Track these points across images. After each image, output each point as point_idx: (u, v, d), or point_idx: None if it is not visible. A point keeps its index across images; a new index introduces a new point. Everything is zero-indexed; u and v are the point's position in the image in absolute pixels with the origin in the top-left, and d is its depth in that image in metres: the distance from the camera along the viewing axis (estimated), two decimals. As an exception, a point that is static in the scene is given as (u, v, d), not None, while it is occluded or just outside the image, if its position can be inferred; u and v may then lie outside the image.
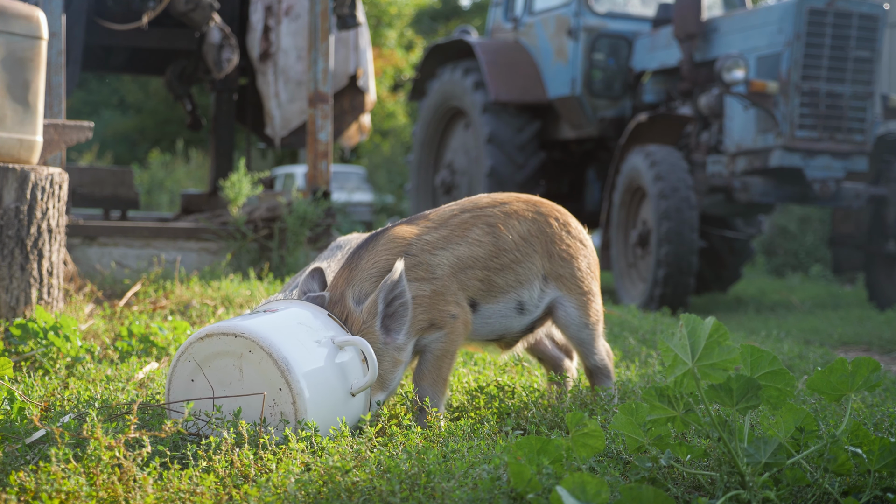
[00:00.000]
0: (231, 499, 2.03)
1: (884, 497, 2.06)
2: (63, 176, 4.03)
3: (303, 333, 2.43)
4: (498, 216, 2.81)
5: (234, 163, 8.30)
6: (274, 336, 2.37)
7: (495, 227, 2.78)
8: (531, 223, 2.85)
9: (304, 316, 2.50)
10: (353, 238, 3.22)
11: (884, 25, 7.52)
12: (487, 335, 2.84)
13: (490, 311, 2.79)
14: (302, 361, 2.36)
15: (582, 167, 9.61)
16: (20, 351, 3.40)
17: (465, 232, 2.75)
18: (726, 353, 2.03)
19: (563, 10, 9.04)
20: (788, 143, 7.33)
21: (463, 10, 29.54)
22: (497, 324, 2.82)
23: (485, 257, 2.75)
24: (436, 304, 2.65)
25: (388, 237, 2.67)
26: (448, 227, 2.74)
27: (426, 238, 2.70)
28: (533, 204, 2.92)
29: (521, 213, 2.86)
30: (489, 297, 2.77)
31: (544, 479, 1.95)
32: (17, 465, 2.09)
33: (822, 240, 12.07)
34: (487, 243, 2.76)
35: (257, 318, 2.47)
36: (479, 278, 2.74)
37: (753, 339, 5.30)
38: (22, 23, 3.92)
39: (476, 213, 2.80)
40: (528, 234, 2.83)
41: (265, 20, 7.64)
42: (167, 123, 26.58)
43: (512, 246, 2.79)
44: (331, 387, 2.41)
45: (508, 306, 2.81)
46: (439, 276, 2.67)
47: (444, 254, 2.69)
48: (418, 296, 2.63)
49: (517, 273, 2.80)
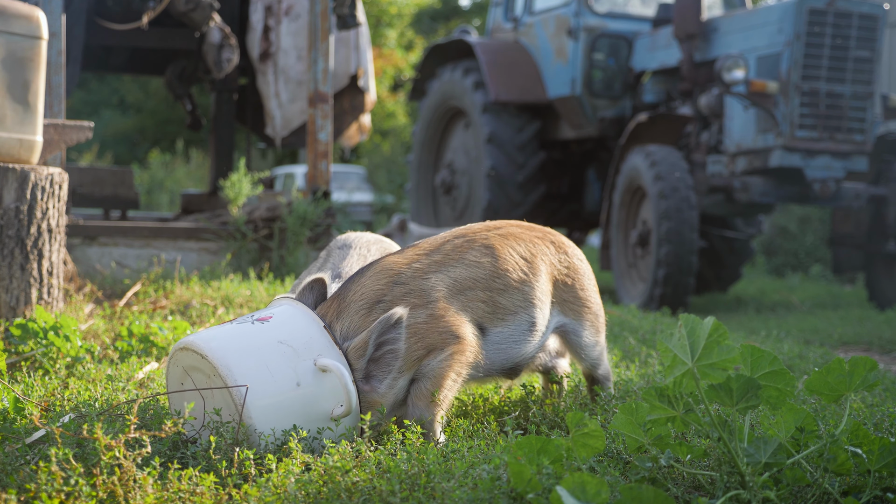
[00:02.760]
0: (231, 499, 2.03)
1: (884, 497, 2.06)
2: (63, 176, 4.03)
3: (275, 355, 2.32)
4: (494, 238, 2.68)
5: (234, 163, 8.31)
6: (235, 365, 2.28)
7: (493, 248, 2.64)
8: (530, 244, 2.74)
9: (292, 330, 2.38)
10: (356, 237, 3.14)
11: (884, 25, 7.53)
12: (503, 364, 2.65)
13: (501, 335, 2.61)
14: (261, 392, 2.27)
15: (582, 167, 9.60)
16: (20, 351, 3.40)
17: (461, 254, 2.60)
18: (726, 353, 2.03)
19: (563, 10, 9.04)
20: (788, 143, 7.34)
21: (463, 10, 29.54)
22: (511, 350, 2.65)
23: (486, 278, 2.59)
24: (434, 328, 2.46)
25: (376, 268, 2.51)
26: (441, 252, 2.59)
27: (417, 265, 2.53)
28: (527, 228, 2.82)
29: (517, 236, 2.74)
30: (497, 320, 2.60)
31: (544, 479, 1.95)
32: (17, 465, 2.09)
33: (822, 240, 12.07)
34: (487, 264, 2.60)
35: (235, 334, 2.38)
36: (482, 300, 2.57)
37: (753, 339, 5.31)
38: (22, 23, 3.92)
39: (470, 237, 2.67)
40: (529, 256, 2.71)
41: (265, 20, 7.64)
42: (167, 123, 26.58)
43: (515, 266, 2.65)
44: (293, 414, 2.30)
45: (520, 328, 2.64)
46: (435, 298, 2.49)
47: (437, 276, 2.52)
48: (412, 324, 2.43)
49: (525, 293, 2.65)
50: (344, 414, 2.32)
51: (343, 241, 3.11)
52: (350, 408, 2.31)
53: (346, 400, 2.31)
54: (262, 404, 2.27)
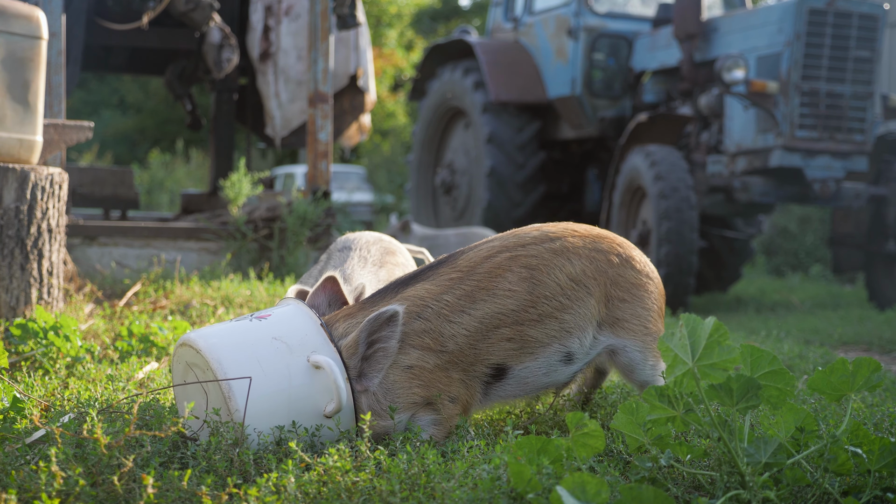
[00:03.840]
0: (231, 499, 2.03)
1: (884, 497, 2.06)
2: (63, 176, 4.03)
3: (269, 351, 2.33)
4: (542, 256, 2.46)
5: (234, 163, 8.31)
6: (226, 360, 2.29)
7: (535, 271, 2.44)
8: (586, 262, 2.51)
9: (288, 327, 2.38)
10: (355, 238, 3.11)
11: (884, 25, 7.53)
12: (527, 395, 2.52)
13: (527, 370, 2.45)
14: (251, 386, 2.28)
15: (582, 167, 9.61)
16: (20, 351, 3.40)
17: (495, 282, 2.41)
18: (726, 353, 2.03)
19: (563, 10, 9.04)
20: (788, 143, 7.34)
21: (463, 10, 29.54)
22: (537, 381, 2.49)
23: (517, 309, 2.41)
24: (437, 381, 2.36)
25: (406, 293, 2.40)
26: (475, 276, 2.41)
27: (446, 298, 2.38)
28: (591, 238, 2.56)
29: (573, 251, 2.50)
30: (524, 355, 2.44)
31: (544, 479, 1.95)
32: (17, 465, 2.09)
33: (822, 240, 12.07)
34: (522, 292, 2.42)
35: (230, 330, 2.40)
36: (507, 337, 2.41)
37: (753, 338, 5.30)
38: (22, 23, 3.92)
39: (517, 252, 2.46)
40: (581, 275, 2.49)
41: (265, 20, 7.64)
42: (167, 123, 26.58)
43: (556, 291, 2.45)
44: (284, 410, 2.30)
45: (552, 360, 2.48)
46: (450, 350, 2.36)
47: (463, 319, 2.37)
48: (418, 366, 2.34)
49: (562, 321, 2.46)
50: (335, 410, 2.31)
51: (343, 243, 3.09)
52: (340, 404, 2.30)
53: (337, 396, 2.29)
54: (252, 398, 2.27)
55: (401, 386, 2.35)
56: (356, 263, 2.94)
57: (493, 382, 2.44)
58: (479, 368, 2.41)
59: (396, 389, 2.35)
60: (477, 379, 2.41)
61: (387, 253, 3.10)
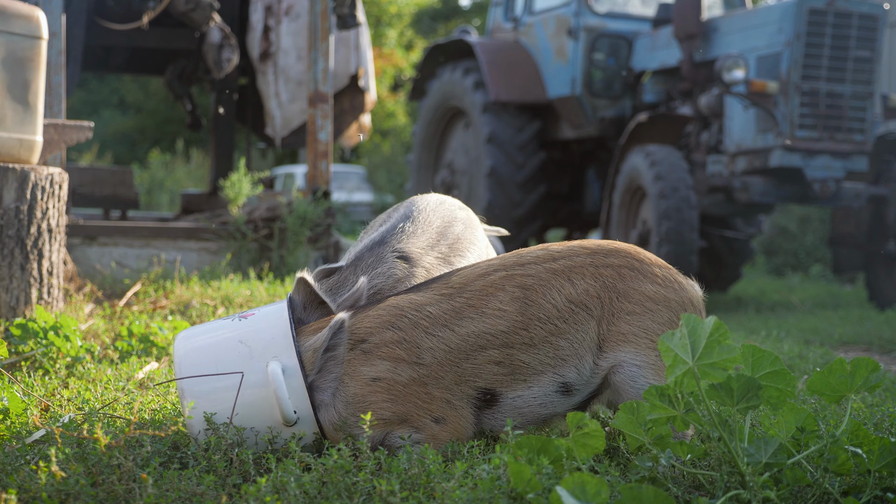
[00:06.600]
0: (231, 499, 2.03)
1: (884, 497, 2.06)
2: (63, 176, 4.03)
3: (231, 354, 2.32)
4: (540, 275, 2.32)
5: (234, 163, 8.31)
6: (186, 361, 2.34)
7: (530, 291, 2.30)
8: (591, 280, 2.34)
9: (258, 330, 2.36)
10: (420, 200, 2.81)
11: (884, 25, 7.53)
12: (522, 427, 2.36)
13: (521, 399, 2.31)
14: (200, 389, 2.29)
15: (582, 167, 9.60)
16: (20, 351, 3.40)
17: (485, 300, 2.29)
18: (727, 353, 2.03)
19: (563, 9, 9.04)
20: (788, 143, 7.34)
21: (463, 10, 29.54)
22: (534, 413, 2.34)
23: (507, 331, 2.27)
24: (412, 396, 2.22)
25: (388, 303, 2.31)
26: (466, 293, 2.29)
27: (429, 310, 2.27)
28: (602, 254, 2.39)
29: (576, 270, 2.35)
30: (516, 382, 2.29)
31: (544, 479, 1.95)
32: (17, 465, 2.09)
33: (822, 240, 12.06)
34: (513, 312, 2.28)
35: (208, 329, 2.43)
36: (495, 360, 2.27)
37: (753, 338, 5.30)
38: (22, 23, 3.92)
39: (513, 271, 2.33)
40: (583, 296, 2.33)
41: (265, 20, 7.64)
42: (167, 123, 26.58)
43: (552, 314, 2.30)
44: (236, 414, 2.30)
45: (546, 390, 2.32)
46: (427, 362, 2.23)
47: (444, 334, 2.26)
48: (387, 378, 2.22)
49: (557, 347, 2.31)
50: (285, 421, 2.27)
51: (407, 206, 2.82)
52: (283, 416, 2.25)
53: (279, 408, 2.25)
54: (203, 402, 2.29)
55: (365, 400, 2.23)
56: (420, 228, 2.68)
57: (485, 408, 2.31)
58: (466, 390, 2.28)
59: (359, 403, 2.24)
60: (465, 402, 2.28)
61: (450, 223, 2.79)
